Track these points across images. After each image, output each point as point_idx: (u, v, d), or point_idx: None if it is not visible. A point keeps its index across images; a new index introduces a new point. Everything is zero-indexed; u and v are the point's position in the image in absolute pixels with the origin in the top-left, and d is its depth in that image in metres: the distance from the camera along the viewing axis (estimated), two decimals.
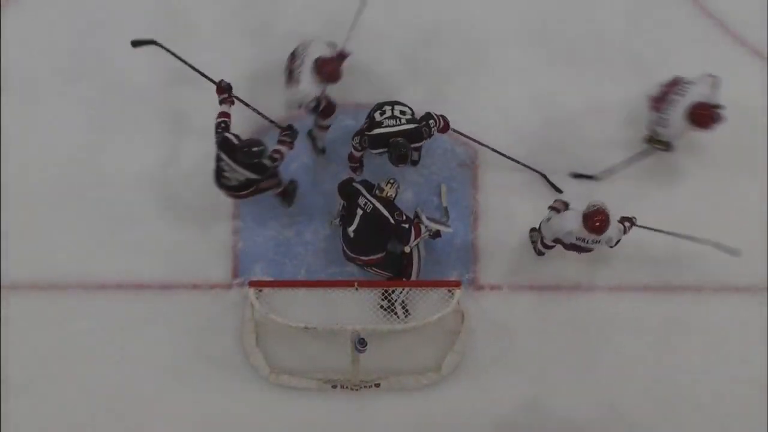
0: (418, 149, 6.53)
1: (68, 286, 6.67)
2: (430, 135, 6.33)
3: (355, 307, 6.44)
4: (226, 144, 6.09)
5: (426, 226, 6.43)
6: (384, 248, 6.39)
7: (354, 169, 6.60)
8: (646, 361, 6.68)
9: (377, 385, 6.56)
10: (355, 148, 6.36)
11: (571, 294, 6.75)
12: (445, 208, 6.77)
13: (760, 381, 6.65)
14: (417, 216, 6.52)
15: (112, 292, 6.67)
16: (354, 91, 6.92)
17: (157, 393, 6.60)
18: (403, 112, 6.32)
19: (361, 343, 6.14)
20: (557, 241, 6.30)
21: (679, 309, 6.74)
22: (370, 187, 6.44)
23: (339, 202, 6.63)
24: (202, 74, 6.33)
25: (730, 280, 6.75)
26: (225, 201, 6.78)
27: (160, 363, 6.62)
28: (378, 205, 6.29)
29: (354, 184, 6.44)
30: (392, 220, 6.27)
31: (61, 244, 6.70)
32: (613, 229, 6.12)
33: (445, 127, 6.41)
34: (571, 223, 6.10)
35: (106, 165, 6.81)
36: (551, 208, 6.35)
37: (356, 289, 6.41)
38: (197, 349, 6.61)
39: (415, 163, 6.78)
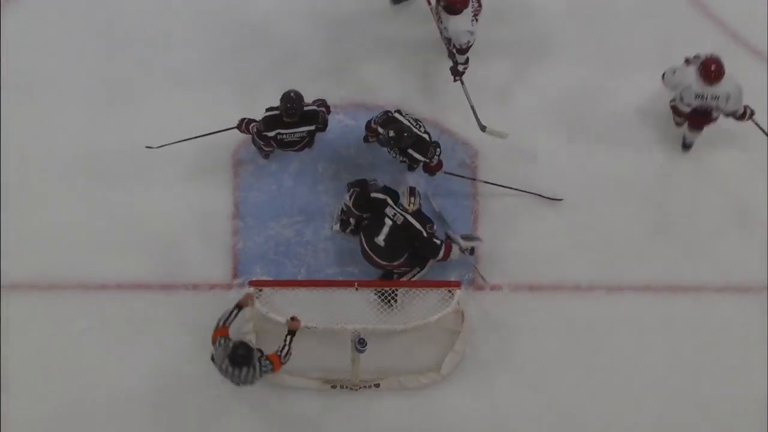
0: (415, 162, 6.51)
1: (68, 286, 6.66)
2: (432, 156, 6.40)
3: (355, 307, 6.43)
4: (272, 121, 6.32)
5: (462, 247, 6.43)
6: (412, 251, 6.43)
7: (367, 138, 6.64)
8: (646, 361, 6.67)
9: (377, 385, 6.56)
10: (375, 121, 6.44)
11: (571, 294, 6.75)
12: (440, 213, 6.77)
13: (760, 381, 6.64)
14: (449, 237, 6.51)
15: (112, 292, 6.67)
16: (353, 92, 6.94)
17: (157, 393, 6.59)
18: (423, 126, 6.44)
19: (361, 343, 6.14)
20: (682, 103, 6.34)
21: (679, 309, 6.73)
22: (393, 194, 6.42)
23: (338, 207, 6.64)
24: (216, 132, 6.52)
25: (730, 280, 6.75)
26: (225, 201, 6.80)
27: (160, 363, 6.61)
28: (409, 218, 6.31)
29: (374, 195, 6.40)
30: (425, 234, 6.31)
31: (61, 244, 6.70)
32: (732, 85, 6.20)
33: (438, 166, 6.52)
34: (689, 77, 6.17)
35: (105, 165, 6.81)
36: (686, 61, 6.37)
37: (356, 289, 6.41)
38: (197, 349, 6.59)
39: (411, 168, 6.75)
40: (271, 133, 6.37)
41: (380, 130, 6.36)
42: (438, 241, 6.34)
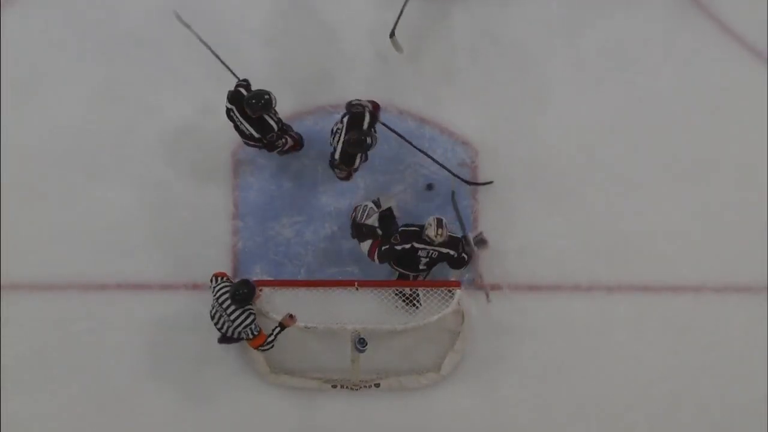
0: (369, 133, 6.22)
1: (68, 286, 6.67)
2: (363, 110, 6.18)
3: (355, 307, 6.44)
4: (235, 96, 6.22)
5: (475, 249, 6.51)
6: None
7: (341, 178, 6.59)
8: (646, 361, 6.68)
9: (377, 385, 6.56)
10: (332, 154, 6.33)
11: (571, 294, 6.75)
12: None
13: (760, 381, 6.65)
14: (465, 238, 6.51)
15: (112, 292, 6.68)
16: (352, 91, 6.94)
17: (157, 393, 6.61)
18: (338, 124, 6.29)
19: (361, 343, 6.15)
20: None
21: (679, 309, 6.74)
22: (415, 236, 6.27)
23: (358, 215, 6.64)
24: (228, 69, 6.41)
25: (730, 280, 6.75)
26: (225, 202, 6.80)
27: (160, 363, 6.63)
28: (442, 250, 6.28)
29: (400, 247, 6.25)
30: (456, 255, 6.32)
31: (61, 244, 6.70)
32: None
33: (376, 106, 6.37)
34: None
35: (105, 165, 6.81)
36: None
37: (356, 289, 6.42)
38: (197, 349, 6.61)
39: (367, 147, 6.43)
40: (229, 105, 6.23)
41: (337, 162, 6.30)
42: (465, 256, 6.38)
